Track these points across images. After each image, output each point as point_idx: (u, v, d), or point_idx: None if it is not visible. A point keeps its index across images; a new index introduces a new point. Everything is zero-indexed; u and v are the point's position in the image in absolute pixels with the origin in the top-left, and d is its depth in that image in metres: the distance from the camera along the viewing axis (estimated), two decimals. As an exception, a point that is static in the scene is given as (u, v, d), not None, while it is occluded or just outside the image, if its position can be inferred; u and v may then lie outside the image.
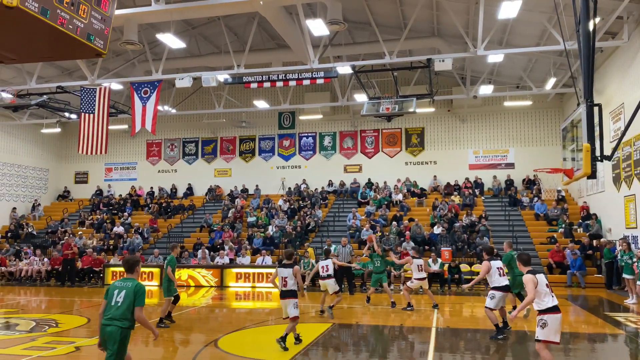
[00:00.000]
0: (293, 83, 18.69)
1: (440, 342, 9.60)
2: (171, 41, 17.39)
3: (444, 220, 21.96)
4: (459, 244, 20.31)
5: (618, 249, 16.32)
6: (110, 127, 20.07)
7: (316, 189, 27.12)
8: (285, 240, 22.11)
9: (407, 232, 20.89)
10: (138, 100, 19.20)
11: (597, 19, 8.86)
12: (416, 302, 14.06)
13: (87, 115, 19.21)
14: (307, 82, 18.81)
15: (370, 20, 18.62)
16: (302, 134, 28.63)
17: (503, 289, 9.78)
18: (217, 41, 22.87)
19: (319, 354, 8.79)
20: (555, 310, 6.40)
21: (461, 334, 10.52)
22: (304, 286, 18.02)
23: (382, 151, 27.58)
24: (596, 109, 8.12)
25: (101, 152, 19.38)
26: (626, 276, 14.32)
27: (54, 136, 30.42)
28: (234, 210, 25.40)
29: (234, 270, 19.29)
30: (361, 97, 23.24)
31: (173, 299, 11.23)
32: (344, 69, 19.09)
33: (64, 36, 4.38)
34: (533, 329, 10.64)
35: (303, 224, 23.34)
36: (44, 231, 26.22)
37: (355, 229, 22.25)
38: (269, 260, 19.81)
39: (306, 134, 28.57)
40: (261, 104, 25.59)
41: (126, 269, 5.76)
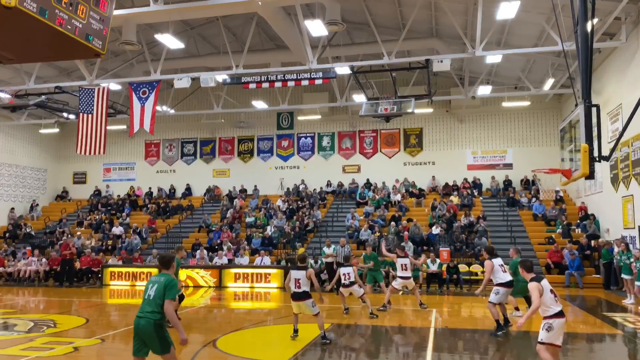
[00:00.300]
0: (292, 83, 18.70)
1: (438, 342, 9.61)
2: (170, 41, 17.38)
3: (443, 221, 21.98)
4: (457, 244, 20.33)
5: (615, 250, 16.35)
6: (108, 127, 20.06)
7: (315, 189, 27.12)
8: (284, 240, 22.11)
9: (406, 232, 20.90)
10: (136, 100, 19.19)
11: (595, 20, 8.88)
12: (412, 303, 14.05)
13: (85, 115, 19.20)
14: (305, 82, 18.82)
15: (369, 20, 18.63)
16: (301, 135, 28.63)
17: (507, 285, 10.04)
18: (215, 41, 22.86)
19: (317, 354, 8.79)
20: (560, 315, 6.48)
21: (459, 334, 10.53)
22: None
23: (380, 151, 27.60)
24: (594, 109, 8.13)
25: (99, 153, 19.37)
26: (625, 276, 14.34)
27: (52, 136, 30.39)
28: (232, 211, 25.39)
29: (233, 270, 19.28)
30: (360, 98, 23.26)
31: (177, 298, 11.30)
32: (343, 69, 19.11)
33: (62, 36, 4.37)
34: (534, 329, 10.67)
35: (302, 224, 23.34)
36: (42, 231, 26.18)
37: (354, 229, 22.26)
38: (267, 260, 19.81)
39: (305, 135, 28.58)
40: (260, 104, 25.60)
41: (162, 265, 5.93)
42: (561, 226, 21.07)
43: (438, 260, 18.29)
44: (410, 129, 27.19)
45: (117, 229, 24.55)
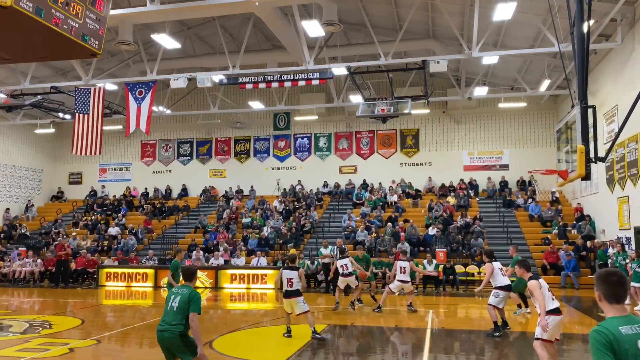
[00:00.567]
0: (288, 84, 18.69)
1: (435, 343, 9.61)
2: (166, 41, 17.34)
3: (439, 222, 22.01)
4: (453, 245, 20.35)
5: (610, 250, 16.39)
6: (104, 127, 19.99)
7: (311, 190, 27.11)
8: (280, 241, 22.08)
9: (402, 233, 20.91)
10: (133, 100, 19.13)
11: (591, 22, 8.91)
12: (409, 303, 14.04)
13: (81, 115, 19.12)
14: (302, 83, 18.80)
15: (366, 21, 18.65)
16: (297, 135, 28.61)
17: (506, 288, 10.10)
18: (212, 42, 22.84)
19: (313, 355, 8.78)
20: (556, 312, 6.62)
21: (456, 335, 10.53)
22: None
23: (377, 152, 27.61)
24: (590, 110, 8.16)
25: (95, 153, 19.29)
26: (620, 277, 14.36)
27: (47, 136, 30.27)
28: (228, 211, 25.35)
29: (229, 271, 19.24)
30: (356, 98, 23.26)
31: None
32: (340, 70, 19.11)
33: (58, 36, 4.35)
34: (530, 329, 10.68)
35: (298, 225, 23.33)
36: (37, 232, 26.07)
37: (350, 230, 22.26)
38: (263, 261, 19.78)
39: (301, 135, 28.56)
40: (256, 104, 25.57)
41: (185, 277, 6.02)
42: (557, 227, 21.12)
43: (434, 261, 18.29)
44: (407, 129, 27.22)
45: (113, 230, 24.48)
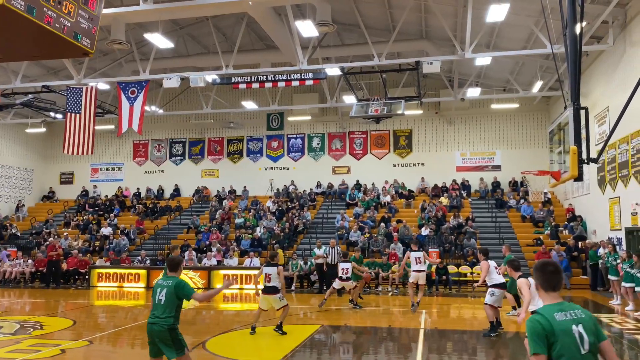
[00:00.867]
0: (282, 84, 18.65)
1: (428, 343, 9.63)
2: (159, 41, 17.26)
3: (432, 222, 22.06)
4: (446, 245, 20.41)
5: (601, 251, 16.51)
6: (96, 127, 19.86)
7: (304, 190, 27.09)
8: (274, 241, 22.04)
9: (395, 233, 20.94)
10: (125, 100, 19.02)
11: (583, 23, 8.96)
12: (401, 304, 14.09)
13: (73, 115, 18.98)
14: (296, 83, 18.77)
15: (359, 22, 18.65)
16: (291, 135, 28.58)
17: (501, 286, 10.21)
18: (205, 41, 22.76)
19: (306, 356, 8.77)
20: None
21: (449, 335, 10.56)
22: (292, 288, 18.05)
23: (370, 153, 27.64)
24: (583, 112, 8.21)
25: (87, 153, 19.16)
26: (611, 278, 14.48)
27: (38, 136, 30.04)
28: (221, 212, 25.27)
29: (222, 272, 19.17)
30: (350, 99, 23.29)
31: None
32: (333, 70, 19.10)
33: (50, 35, 4.31)
34: (524, 329, 10.71)
35: (291, 225, 23.30)
36: (28, 232, 25.85)
37: (343, 230, 22.26)
38: (256, 262, 19.71)
39: (295, 135, 28.54)
40: (249, 104, 25.52)
41: (170, 268, 5.92)
42: (549, 228, 21.23)
43: (427, 262, 18.30)
44: (400, 130, 27.27)
45: (106, 230, 24.32)
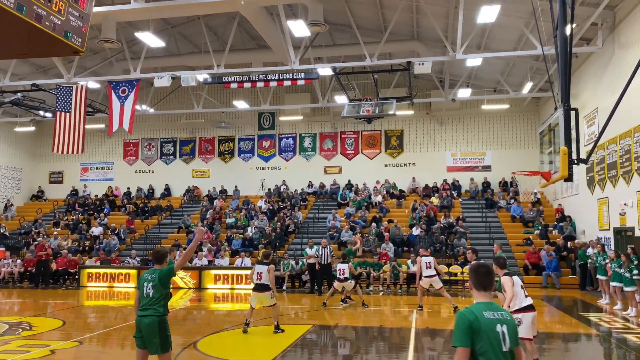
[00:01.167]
0: (274, 84, 18.62)
1: (419, 342, 9.66)
2: (150, 40, 17.17)
3: (423, 222, 22.14)
4: (437, 245, 20.48)
5: (590, 251, 16.66)
6: (86, 126, 19.73)
7: (296, 190, 27.08)
8: (265, 241, 22.01)
9: (386, 233, 20.99)
10: (116, 99, 18.91)
11: (573, 25, 9.04)
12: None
13: (62, 114, 18.84)
14: (287, 83, 18.76)
15: (351, 22, 18.68)
16: (282, 135, 28.56)
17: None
18: (196, 40, 22.67)
19: (298, 356, 8.77)
20: (529, 309, 6.83)
21: (440, 334, 10.60)
22: (283, 288, 18.04)
23: (361, 153, 27.69)
24: (573, 113, 8.28)
25: (77, 152, 19.03)
26: (600, 277, 14.61)
27: (28, 135, 29.77)
28: (212, 212, 25.19)
29: (213, 272, 19.12)
30: (341, 99, 23.31)
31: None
32: (325, 70, 19.11)
33: (40, 33, 4.28)
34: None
35: (283, 225, 23.27)
36: (16, 232, 25.60)
37: (335, 230, 22.27)
38: (248, 261, 19.67)
39: (286, 135, 28.51)
40: (241, 104, 25.46)
41: (155, 260, 5.91)
42: (539, 228, 21.39)
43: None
44: (391, 130, 27.34)
45: (96, 230, 24.15)
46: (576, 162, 8.15)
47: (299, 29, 15.99)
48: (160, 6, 15.54)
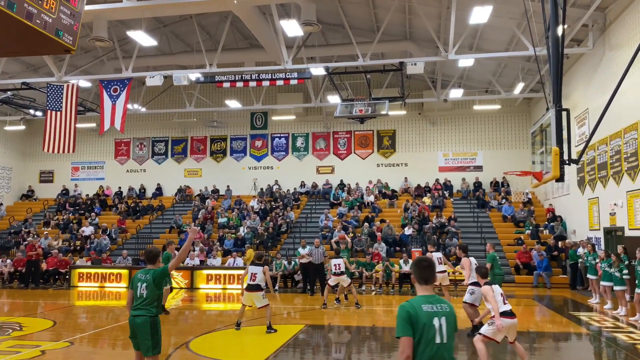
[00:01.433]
0: (266, 83, 18.59)
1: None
2: (142, 39, 17.06)
3: (415, 222, 22.20)
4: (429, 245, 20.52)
5: (580, 250, 16.77)
6: (77, 125, 19.59)
7: (288, 190, 27.05)
8: (257, 241, 21.97)
9: (379, 233, 21.02)
10: (107, 98, 18.80)
11: (565, 26, 9.10)
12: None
13: (53, 112, 18.70)
14: (280, 82, 18.75)
15: (344, 22, 18.69)
16: (275, 135, 28.52)
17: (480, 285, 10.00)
18: (188, 39, 22.59)
19: (290, 356, 8.76)
20: (508, 315, 6.91)
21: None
22: (276, 288, 18.02)
23: (354, 153, 27.71)
24: (564, 113, 8.33)
25: (68, 151, 18.90)
26: (590, 277, 14.72)
27: (18, 134, 29.51)
28: (204, 211, 25.10)
29: (205, 271, 19.06)
30: (334, 99, 23.31)
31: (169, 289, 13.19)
32: (318, 70, 19.10)
33: (31, 31, 4.24)
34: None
35: (275, 225, 23.24)
36: (6, 232, 25.38)
37: (327, 230, 22.26)
38: (240, 261, 19.64)
39: (279, 135, 28.48)
40: (233, 103, 25.39)
41: (148, 260, 5.94)
42: (530, 227, 21.51)
43: (410, 261, 18.43)
44: (384, 130, 27.39)
45: (87, 229, 23.99)
46: (568, 162, 8.21)
47: (291, 28, 15.97)
48: (153, 5, 15.45)
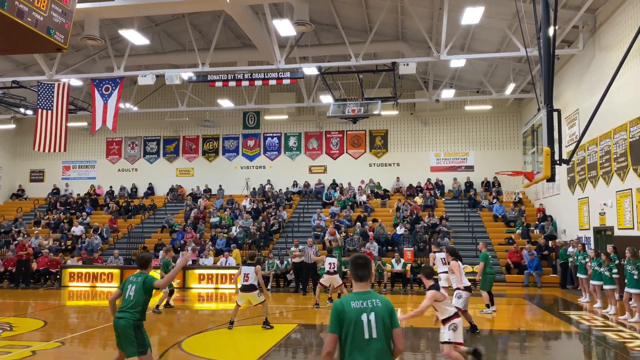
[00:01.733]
0: (259, 83, 18.58)
1: (403, 341, 9.69)
2: (134, 37, 17.00)
3: (407, 221, 22.27)
4: (420, 244, 20.62)
5: (571, 250, 16.91)
6: (68, 124, 19.47)
7: (281, 189, 27.04)
8: (249, 241, 21.94)
9: (371, 232, 21.06)
10: (99, 97, 18.70)
11: (556, 27, 9.17)
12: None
13: (44, 111, 18.57)
14: (273, 82, 18.76)
15: (337, 22, 18.72)
16: (267, 134, 28.50)
17: (468, 289, 9.96)
18: (181, 39, 22.52)
19: (282, 355, 8.77)
20: (458, 315, 7.25)
21: (424, 333, 10.67)
22: (268, 287, 18.02)
23: (346, 152, 27.76)
24: (555, 114, 8.40)
25: (60, 150, 18.79)
26: (580, 276, 14.84)
27: (8, 132, 29.28)
28: (196, 211, 25.03)
29: (197, 271, 19.02)
30: (326, 99, 23.34)
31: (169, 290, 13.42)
32: (310, 70, 19.11)
33: (22, 29, 4.21)
34: (497, 327, 10.93)
35: (267, 224, 23.22)
36: (-4, 231, 25.16)
37: (320, 229, 22.28)
38: (232, 261, 19.61)
39: (271, 134, 28.46)
40: (225, 103, 25.34)
41: (140, 266, 5.96)
42: (520, 227, 21.65)
43: (402, 260, 18.51)
44: (376, 130, 27.45)
45: (78, 229, 23.83)
46: (559, 162, 8.28)
47: (284, 28, 15.97)
48: (145, 3, 15.39)
